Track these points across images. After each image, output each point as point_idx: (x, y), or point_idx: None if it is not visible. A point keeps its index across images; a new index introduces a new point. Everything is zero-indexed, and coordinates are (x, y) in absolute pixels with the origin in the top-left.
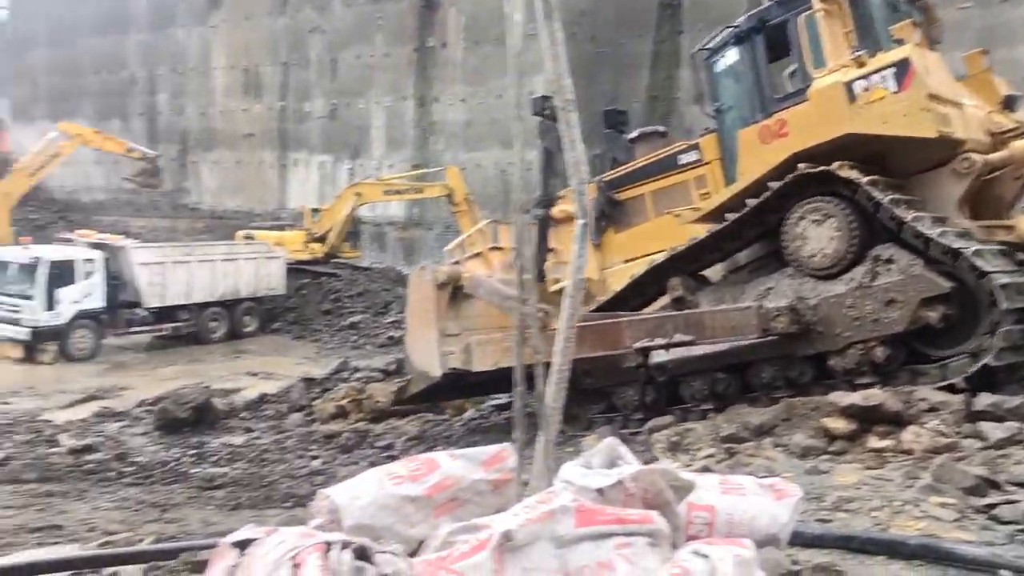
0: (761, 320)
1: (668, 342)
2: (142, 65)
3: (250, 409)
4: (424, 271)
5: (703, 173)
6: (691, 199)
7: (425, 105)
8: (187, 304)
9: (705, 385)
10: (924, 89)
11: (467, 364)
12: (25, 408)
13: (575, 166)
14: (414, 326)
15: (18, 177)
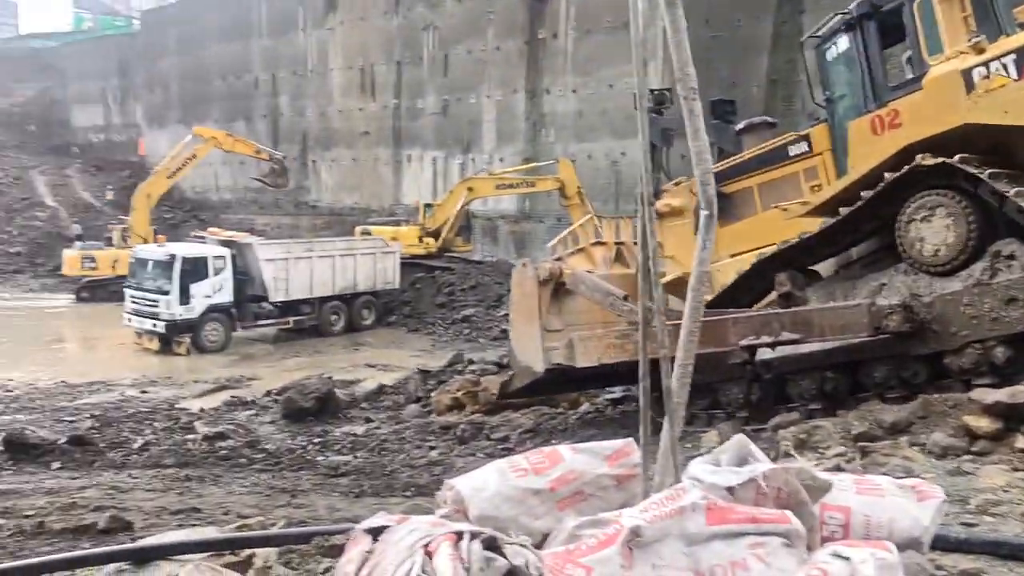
0: (873, 318)
1: (774, 340)
2: (265, 69)
3: (369, 400)
4: (526, 267)
5: (814, 164)
6: (801, 191)
7: (536, 97)
8: (309, 298)
9: (813, 384)
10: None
11: (570, 359)
12: (163, 396)
13: (698, 155)
14: (517, 322)
15: (157, 179)
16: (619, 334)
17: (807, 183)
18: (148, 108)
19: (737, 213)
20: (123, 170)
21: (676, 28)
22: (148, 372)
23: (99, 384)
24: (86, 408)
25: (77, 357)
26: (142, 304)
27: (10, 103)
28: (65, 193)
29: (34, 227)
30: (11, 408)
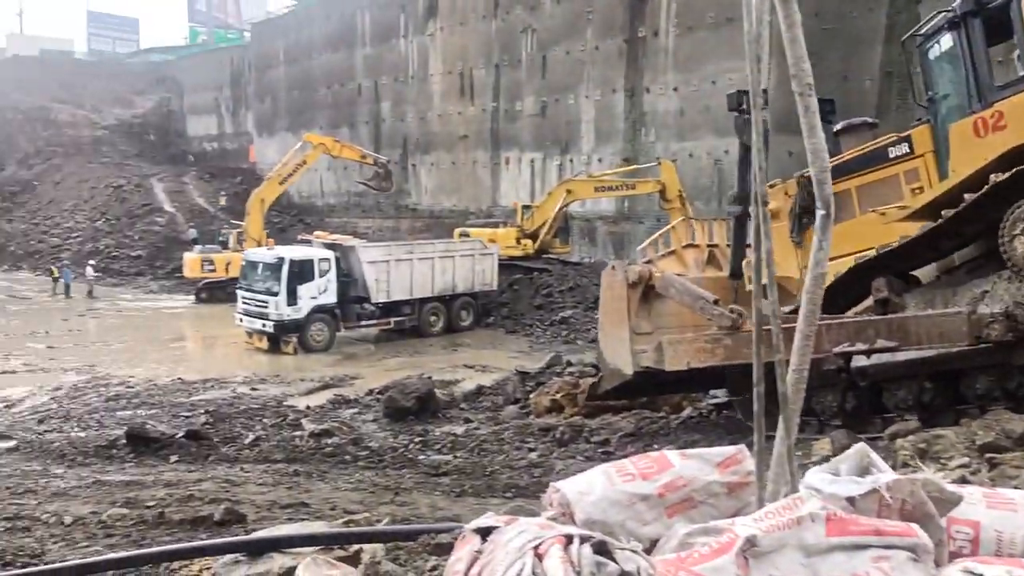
0: (973, 327)
1: (869, 347)
2: (367, 76)
3: (468, 400)
4: (615, 270)
5: (915, 166)
6: (901, 194)
7: (635, 96)
8: (409, 299)
9: (910, 394)
10: None
11: (659, 363)
12: (272, 394)
13: (815, 153)
14: (606, 324)
15: (270, 185)
16: (709, 338)
17: (908, 185)
18: (258, 117)
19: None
20: (235, 176)
21: (791, 23)
22: (258, 370)
23: (213, 381)
24: (201, 404)
25: (193, 355)
26: (252, 305)
27: (131, 114)
28: (182, 199)
29: (153, 232)
30: (132, 403)
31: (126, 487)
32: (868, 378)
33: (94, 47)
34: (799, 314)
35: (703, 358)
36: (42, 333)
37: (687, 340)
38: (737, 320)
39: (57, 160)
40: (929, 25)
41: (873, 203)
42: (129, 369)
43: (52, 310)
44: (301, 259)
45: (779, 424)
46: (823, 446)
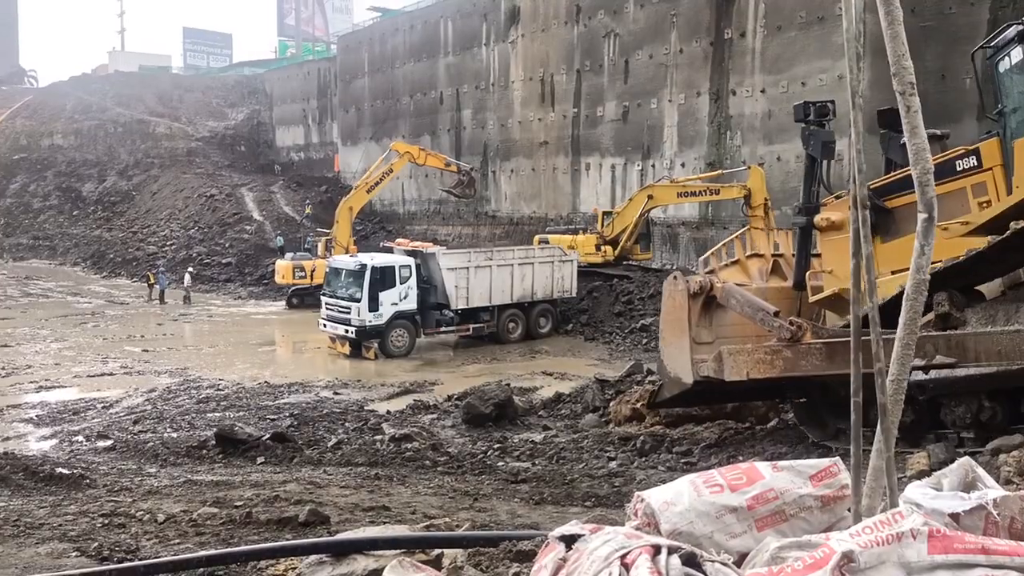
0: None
1: (926, 363)
2: (449, 84)
3: (547, 408)
4: (677, 280)
5: (983, 180)
6: (969, 207)
7: (721, 99)
8: (488, 306)
9: (969, 412)
10: None
11: (718, 373)
12: (354, 398)
13: (916, 154)
14: (667, 333)
15: (358, 193)
16: (769, 350)
17: (975, 199)
18: (343, 127)
19: (901, 229)
20: (320, 185)
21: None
22: (340, 375)
23: (297, 385)
24: (286, 407)
25: (279, 360)
26: (335, 311)
27: (224, 126)
28: (270, 208)
29: (243, 239)
30: (222, 406)
31: (215, 487)
32: (927, 393)
33: (190, 62)
34: (899, 321)
35: (762, 369)
36: (138, 337)
37: (747, 351)
38: (797, 332)
39: (154, 171)
40: (1001, 37)
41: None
42: (219, 372)
43: (148, 315)
44: (383, 266)
45: (876, 436)
46: (919, 460)
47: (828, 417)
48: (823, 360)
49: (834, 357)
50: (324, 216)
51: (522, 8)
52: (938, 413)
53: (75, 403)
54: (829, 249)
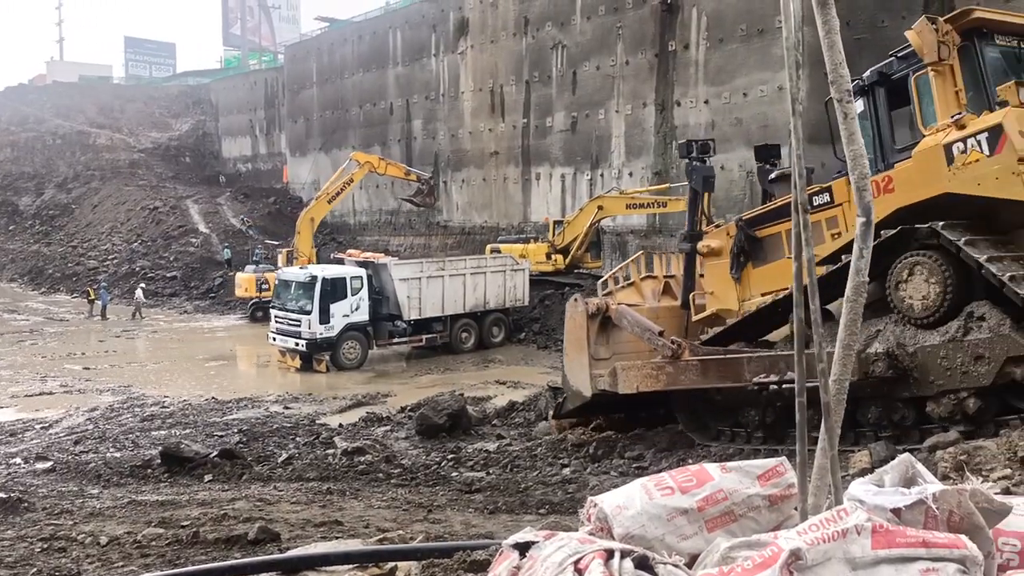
0: (861, 364)
1: (780, 379)
2: (399, 95)
3: (501, 417)
4: (577, 302)
5: (835, 215)
6: (824, 239)
7: (666, 110)
8: (441, 316)
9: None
10: (1015, 154)
11: (613, 386)
12: (305, 412)
13: (855, 160)
14: (569, 350)
15: (319, 204)
16: (654, 366)
17: (828, 231)
18: (291, 137)
19: (768, 256)
20: (268, 196)
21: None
22: (291, 389)
23: (246, 400)
24: (235, 423)
25: (227, 375)
26: (285, 324)
27: (167, 137)
28: (216, 220)
29: (188, 252)
30: (167, 423)
31: (161, 507)
32: (783, 399)
33: (132, 72)
34: (840, 323)
35: (650, 383)
36: (79, 355)
37: (636, 366)
38: (677, 351)
39: (95, 184)
40: None
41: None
42: (164, 389)
43: (89, 332)
44: (334, 277)
45: (820, 435)
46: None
47: (709, 421)
48: (699, 375)
49: (708, 372)
50: (273, 227)
51: (471, 20)
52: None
53: (12, 424)
54: (710, 273)
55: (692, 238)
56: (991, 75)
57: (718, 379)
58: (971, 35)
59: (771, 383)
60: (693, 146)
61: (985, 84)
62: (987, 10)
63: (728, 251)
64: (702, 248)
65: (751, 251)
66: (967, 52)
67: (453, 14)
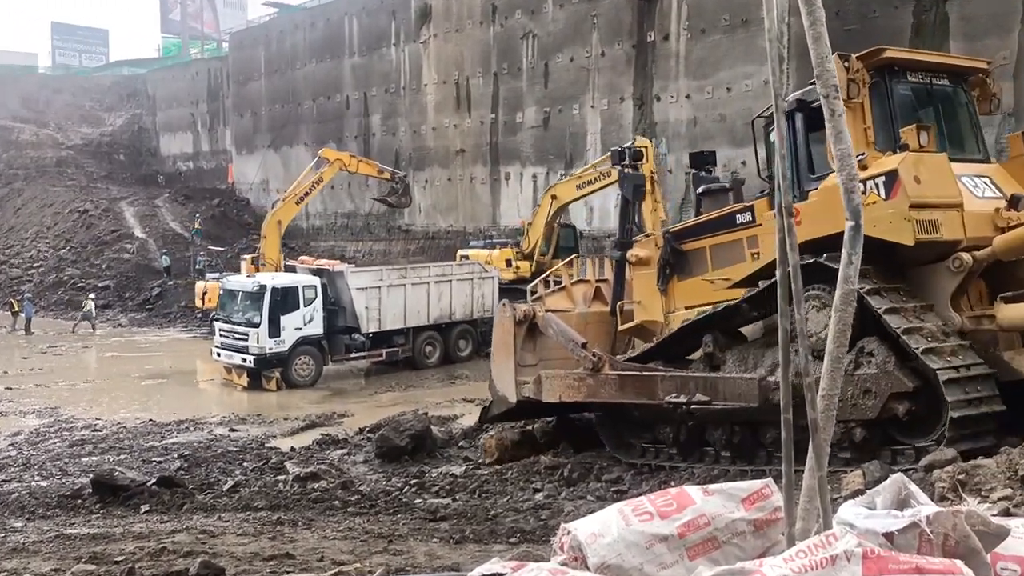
0: (762, 391)
1: (689, 399)
2: (356, 88)
3: (468, 437)
4: (505, 308)
5: (755, 234)
6: (745, 257)
7: (645, 105)
8: (402, 328)
9: (724, 435)
10: (907, 201)
11: (537, 394)
12: (253, 435)
13: (842, 159)
14: (497, 356)
15: (286, 206)
16: (576, 377)
17: (749, 250)
18: (237, 133)
19: (692, 270)
20: (212, 198)
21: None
22: (237, 409)
23: (188, 422)
24: (175, 448)
25: (166, 394)
26: (231, 338)
27: (99, 133)
28: (154, 224)
29: (123, 260)
30: (99, 448)
31: (92, 541)
32: (694, 418)
33: (59, 61)
34: (829, 334)
35: (571, 394)
36: (0, 373)
37: (560, 376)
38: (598, 364)
39: (18, 184)
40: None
41: (723, 263)
42: (96, 411)
43: (12, 347)
44: (284, 287)
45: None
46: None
47: (626, 435)
48: (617, 389)
49: (625, 387)
50: (217, 232)
51: (433, 6)
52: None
53: None
54: (638, 282)
55: (622, 246)
56: (900, 114)
57: (634, 395)
58: (882, 73)
59: (680, 403)
60: (626, 153)
61: (893, 123)
62: (899, 49)
63: (656, 262)
64: (631, 257)
65: (676, 264)
66: (877, 90)
67: (414, 0)
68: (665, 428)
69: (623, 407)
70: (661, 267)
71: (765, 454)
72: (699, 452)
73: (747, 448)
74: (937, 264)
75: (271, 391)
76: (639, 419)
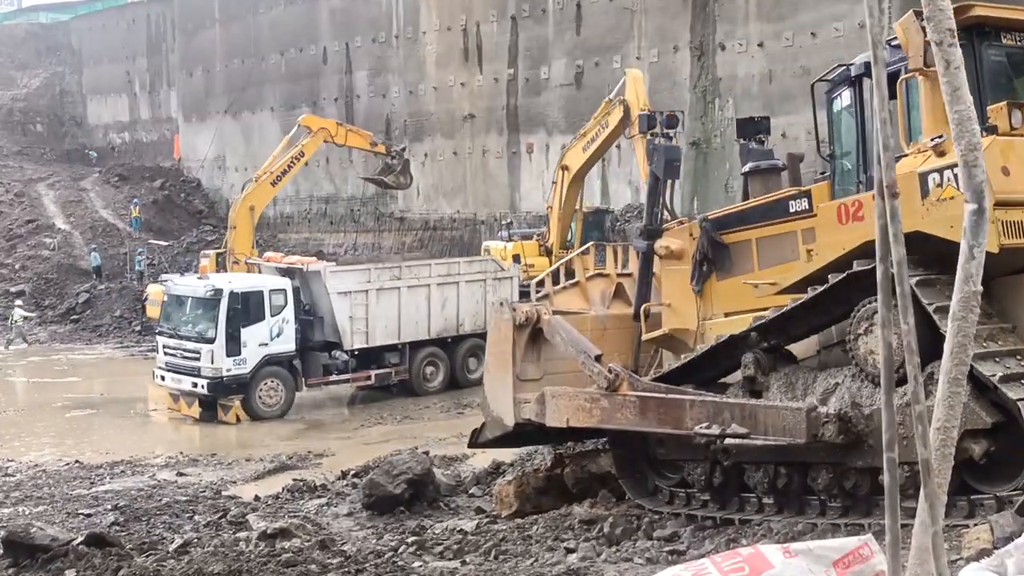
0: (810, 425)
1: (722, 432)
2: (335, 37)
3: (481, 483)
4: (503, 308)
5: (812, 226)
6: (798, 254)
7: (705, 56)
8: (396, 344)
9: (766, 477)
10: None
11: (540, 416)
12: (206, 480)
13: (960, 124)
14: (491, 368)
15: (260, 188)
16: (588, 397)
17: (804, 246)
18: (185, 96)
19: (734, 267)
20: (154, 179)
21: None
22: (187, 448)
23: (124, 465)
24: (108, 497)
25: (96, 428)
26: (179, 356)
27: (11, 96)
28: (80, 212)
29: (42, 258)
30: (12, 498)
31: None
32: (730, 457)
33: None
34: (945, 350)
35: (582, 418)
36: None
37: (568, 395)
38: (615, 381)
39: None
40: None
41: (771, 260)
42: (8, 450)
43: None
44: (246, 291)
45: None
46: (979, 535)
47: (647, 472)
48: (637, 415)
49: (647, 412)
50: (161, 222)
51: None
52: (742, 476)
53: None
54: (669, 280)
55: (649, 234)
56: (989, 87)
57: (658, 423)
58: (969, 34)
59: (713, 436)
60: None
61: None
62: (991, 5)
63: (690, 256)
64: (660, 249)
65: (716, 259)
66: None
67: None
68: (696, 468)
69: (645, 438)
70: (697, 262)
71: (818, 503)
72: (738, 499)
73: (794, 493)
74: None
75: (229, 424)
76: (663, 459)
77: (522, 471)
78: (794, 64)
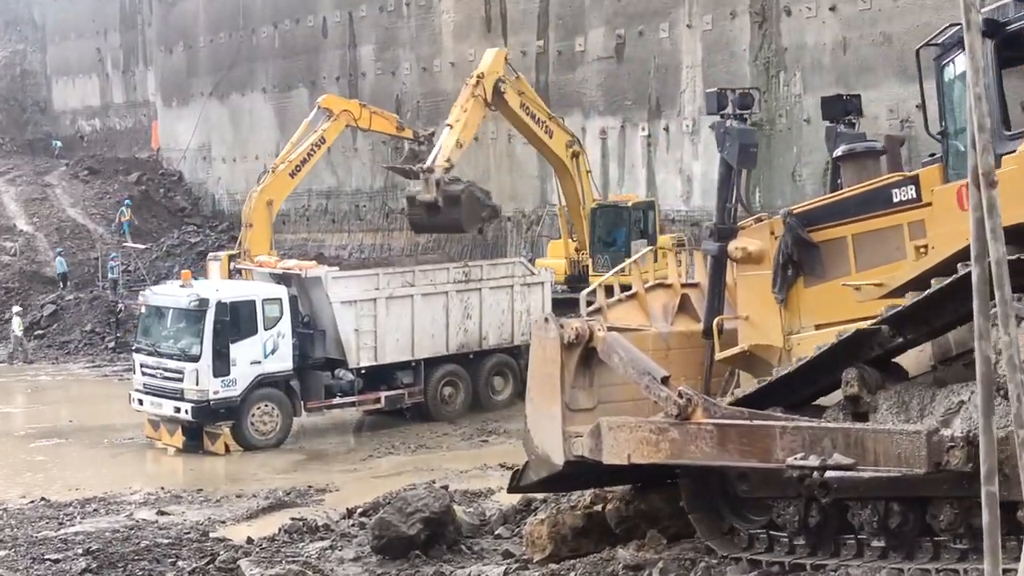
0: (932, 451)
1: (822, 463)
2: (336, 6)
3: (509, 522)
4: (548, 324)
5: (922, 217)
6: (905, 251)
7: (768, 23)
8: (410, 361)
9: (875, 516)
10: None
11: (595, 453)
12: (191, 520)
13: None
14: (535, 395)
15: (277, 180)
16: (655, 427)
17: (912, 241)
18: (164, 76)
19: (827, 270)
20: (129, 172)
21: None
22: (168, 482)
23: (97, 502)
24: (78, 540)
25: (66, 461)
26: (159, 377)
27: None
28: (45, 211)
29: (1, 264)
30: None
31: None
32: (830, 493)
33: None
34: None
35: (647, 452)
36: None
37: (629, 426)
38: (686, 408)
39: None
40: (945, 36)
41: (873, 260)
42: None
43: None
44: (235, 301)
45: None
46: None
47: (724, 511)
48: (714, 447)
49: (727, 443)
50: (138, 223)
51: None
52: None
53: None
54: (746, 289)
55: (723, 235)
56: None
57: (739, 456)
58: None
59: (810, 469)
60: (727, 98)
61: None
62: None
63: (772, 259)
64: (734, 251)
65: (803, 261)
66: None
67: None
68: (787, 508)
69: (723, 474)
70: (780, 266)
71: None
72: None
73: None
74: None
75: (217, 455)
76: (746, 497)
77: (557, 508)
78: (873, 30)
